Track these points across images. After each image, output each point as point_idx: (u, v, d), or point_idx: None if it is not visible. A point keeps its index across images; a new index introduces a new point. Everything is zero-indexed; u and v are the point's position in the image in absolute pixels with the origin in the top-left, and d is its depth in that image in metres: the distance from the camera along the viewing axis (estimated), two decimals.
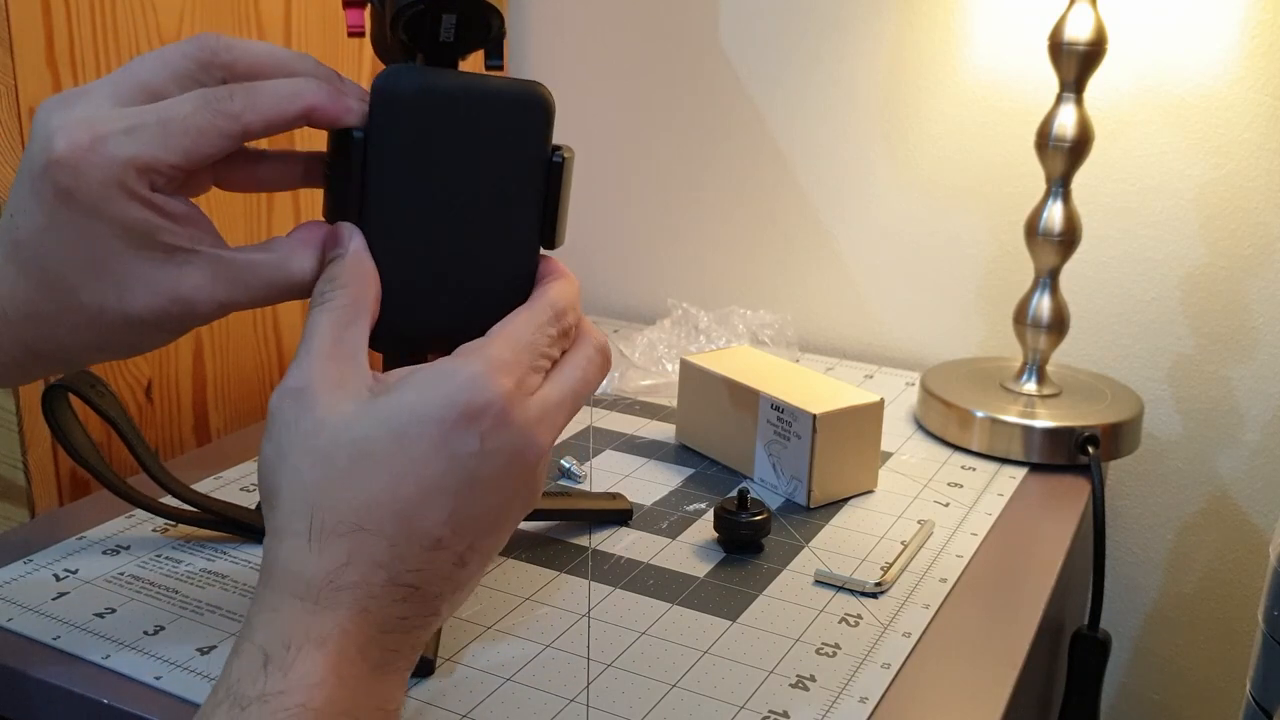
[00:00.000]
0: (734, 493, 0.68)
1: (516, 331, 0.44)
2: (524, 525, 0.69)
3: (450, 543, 0.41)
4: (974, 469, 0.80)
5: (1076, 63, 0.80)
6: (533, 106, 0.47)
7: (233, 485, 0.73)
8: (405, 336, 0.49)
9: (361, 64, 0.93)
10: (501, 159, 0.47)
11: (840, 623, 0.60)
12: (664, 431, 0.85)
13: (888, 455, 0.82)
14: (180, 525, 0.66)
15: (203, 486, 0.72)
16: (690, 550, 0.67)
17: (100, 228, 0.43)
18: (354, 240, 0.46)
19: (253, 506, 0.67)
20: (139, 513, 0.68)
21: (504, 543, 0.45)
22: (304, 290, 0.46)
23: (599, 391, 0.91)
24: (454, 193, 0.47)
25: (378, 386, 0.42)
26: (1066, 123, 0.80)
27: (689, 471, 0.78)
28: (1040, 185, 0.83)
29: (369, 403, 0.41)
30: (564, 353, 0.46)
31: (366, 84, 0.47)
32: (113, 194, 0.42)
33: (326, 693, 0.38)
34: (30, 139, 0.44)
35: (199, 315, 0.45)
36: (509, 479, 0.42)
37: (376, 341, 0.49)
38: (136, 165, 0.42)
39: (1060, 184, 0.82)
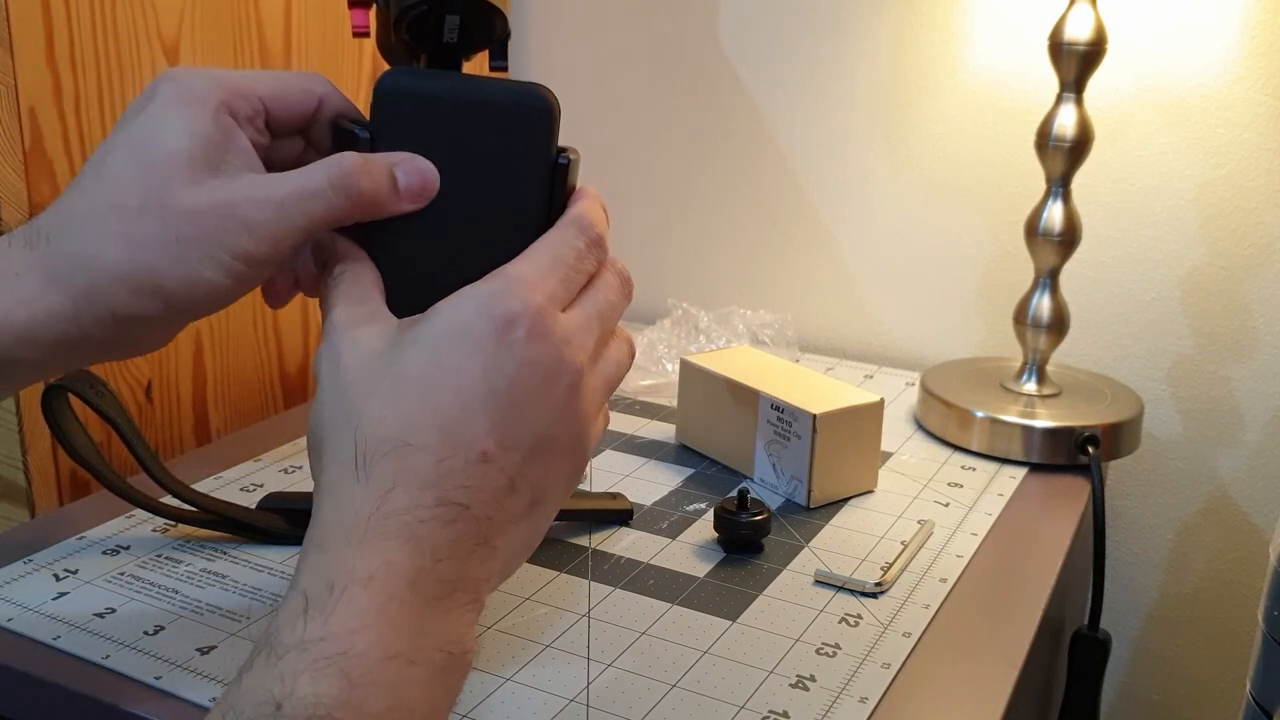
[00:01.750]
0: (734, 493, 0.68)
1: (540, 248, 0.45)
2: None
3: (496, 456, 0.41)
4: (974, 469, 0.80)
5: (1076, 63, 0.80)
6: (535, 110, 0.47)
7: (233, 485, 0.73)
8: None
9: (362, 64, 0.93)
10: (505, 161, 0.48)
11: (840, 623, 0.60)
12: (664, 431, 0.85)
13: (888, 455, 0.82)
14: (180, 525, 0.66)
15: (203, 486, 0.72)
16: (690, 550, 0.67)
17: (171, 125, 0.45)
18: (338, 242, 0.47)
19: (253, 506, 0.67)
20: (139, 513, 0.68)
21: (557, 480, 0.44)
22: (322, 210, 0.46)
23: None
24: (458, 192, 0.47)
25: (406, 323, 0.43)
26: (1066, 123, 0.80)
27: (689, 471, 0.78)
28: (1040, 185, 0.83)
29: (400, 334, 0.42)
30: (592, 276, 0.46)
31: (369, 84, 0.47)
32: (195, 97, 0.46)
33: (371, 637, 0.36)
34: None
35: (242, 226, 0.45)
36: (548, 397, 0.42)
37: None
38: (227, 84, 0.47)
39: (1060, 184, 0.82)
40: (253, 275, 0.46)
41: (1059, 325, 0.85)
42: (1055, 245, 0.83)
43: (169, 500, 0.64)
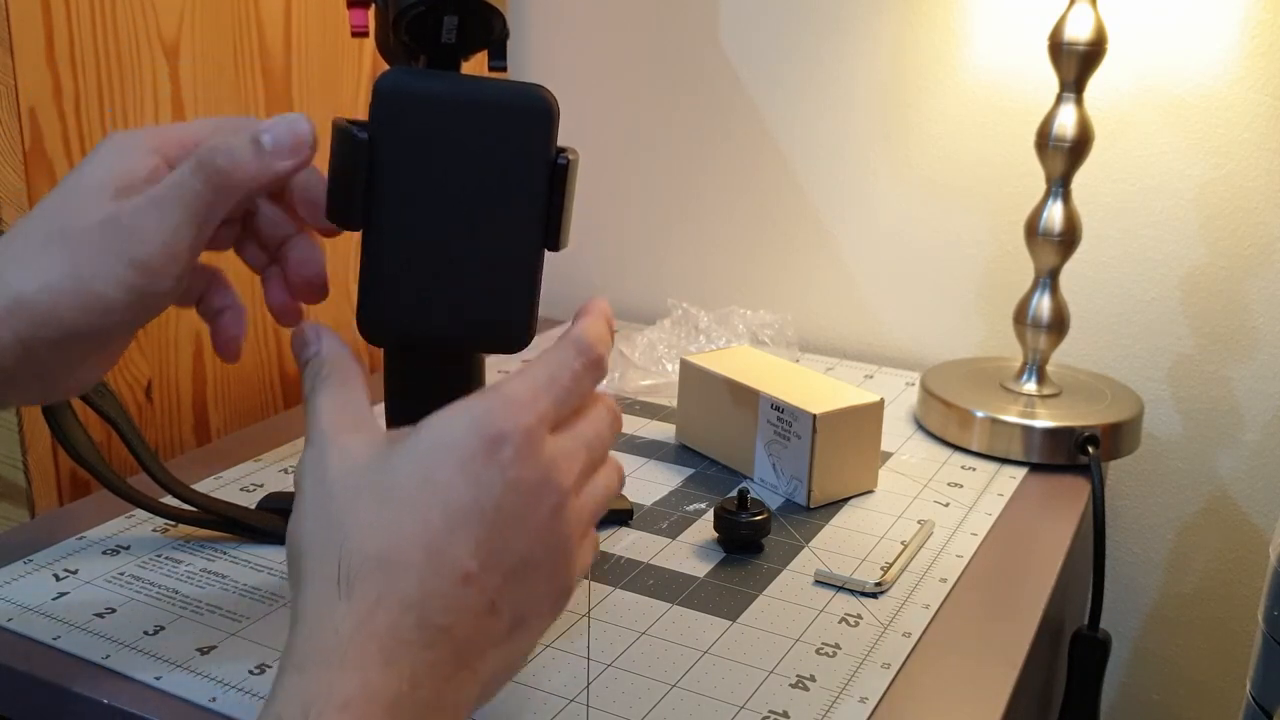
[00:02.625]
0: (734, 493, 0.68)
1: (537, 367, 0.44)
2: None
3: (477, 577, 0.40)
4: (974, 469, 0.80)
5: (1076, 63, 0.80)
6: (534, 111, 0.47)
7: (233, 485, 0.73)
8: (404, 332, 0.49)
9: (362, 64, 0.93)
10: (504, 161, 0.48)
11: (840, 623, 0.60)
12: (664, 431, 0.85)
13: (888, 455, 0.82)
14: (180, 525, 0.66)
15: (203, 486, 0.72)
16: (690, 550, 0.67)
17: (98, 163, 0.48)
18: (324, 337, 0.47)
19: (253, 506, 0.67)
20: (139, 513, 0.68)
21: (539, 602, 0.43)
22: (193, 197, 0.47)
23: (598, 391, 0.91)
24: (457, 193, 0.47)
25: (394, 435, 0.42)
26: (1066, 123, 0.80)
27: (689, 471, 0.78)
28: (1040, 185, 0.83)
29: (389, 446, 0.41)
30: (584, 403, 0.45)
31: (369, 84, 0.47)
32: (130, 142, 0.49)
33: None
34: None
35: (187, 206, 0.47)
36: (532, 518, 0.41)
37: (377, 333, 0.49)
38: (163, 133, 0.49)
39: (1060, 184, 0.82)
40: (152, 287, 0.47)
41: (1059, 325, 0.85)
42: (1055, 245, 0.83)
43: (169, 500, 0.64)
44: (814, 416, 0.71)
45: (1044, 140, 0.81)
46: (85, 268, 0.46)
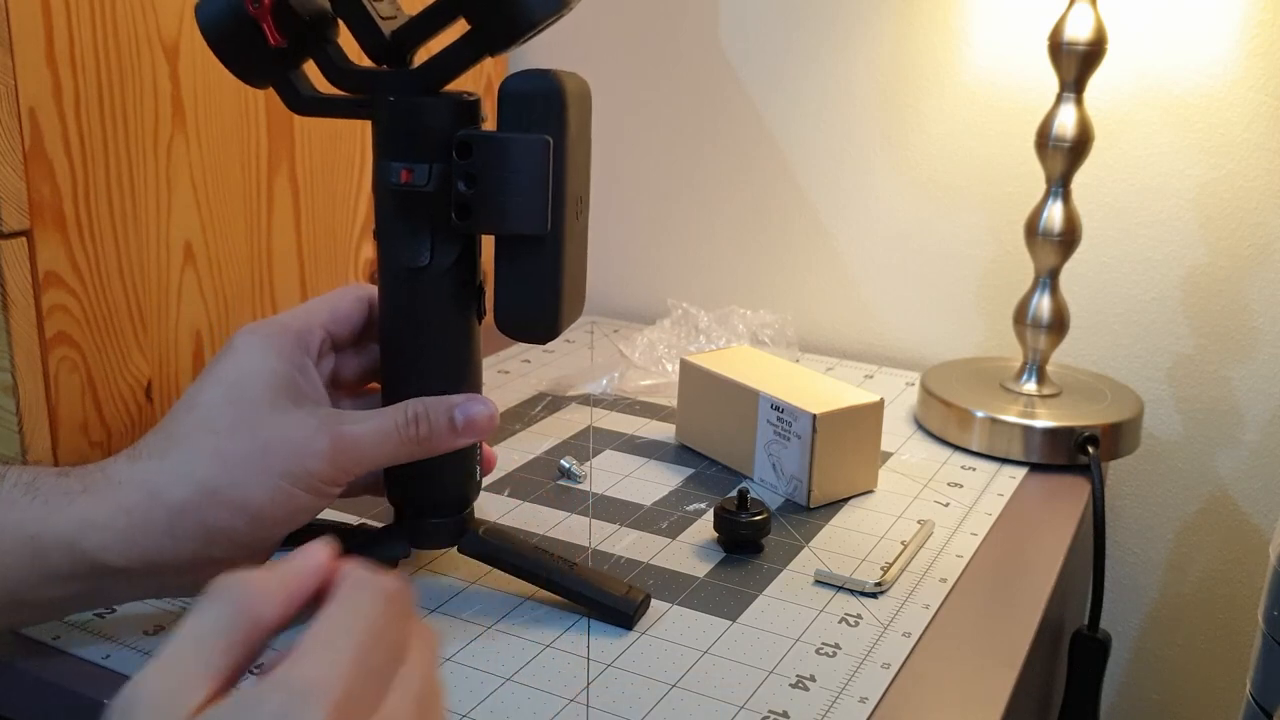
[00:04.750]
0: (734, 493, 0.68)
1: (333, 631, 0.32)
2: (529, 532, 0.69)
3: None
4: (974, 469, 0.80)
5: (1076, 63, 0.80)
6: (587, 96, 0.53)
7: None
8: (562, 327, 0.52)
9: None
10: (588, 146, 0.53)
11: (840, 623, 0.60)
12: (664, 431, 0.85)
13: (888, 455, 0.82)
14: None
15: None
16: (690, 550, 0.67)
17: (253, 364, 0.53)
18: (317, 554, 0.35)
19: None
20: None
21: None
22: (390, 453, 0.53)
23: (599, 391, 0.91)
24: (580, 180, 0.52)
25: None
26: (1066, 123, 0.81)
27: (689, 471, 0.78)
28: (1040, 185, 0.83)
29: None
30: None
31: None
32: (270, 341, 0.54)
33: None
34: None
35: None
36: None
37: (551, 336, 0.52)
38: (293, 327, 0.55)
39: (1060, 184, 0.82)
40: (330, 492, 0.52)
41: (1059, 325, 0.85)
42: (1055, 245, 0.83)
43: None
44: (814, 416, 0.71)
45: (1044, 140, 0.81)
46: (277, 464, 0.50)
